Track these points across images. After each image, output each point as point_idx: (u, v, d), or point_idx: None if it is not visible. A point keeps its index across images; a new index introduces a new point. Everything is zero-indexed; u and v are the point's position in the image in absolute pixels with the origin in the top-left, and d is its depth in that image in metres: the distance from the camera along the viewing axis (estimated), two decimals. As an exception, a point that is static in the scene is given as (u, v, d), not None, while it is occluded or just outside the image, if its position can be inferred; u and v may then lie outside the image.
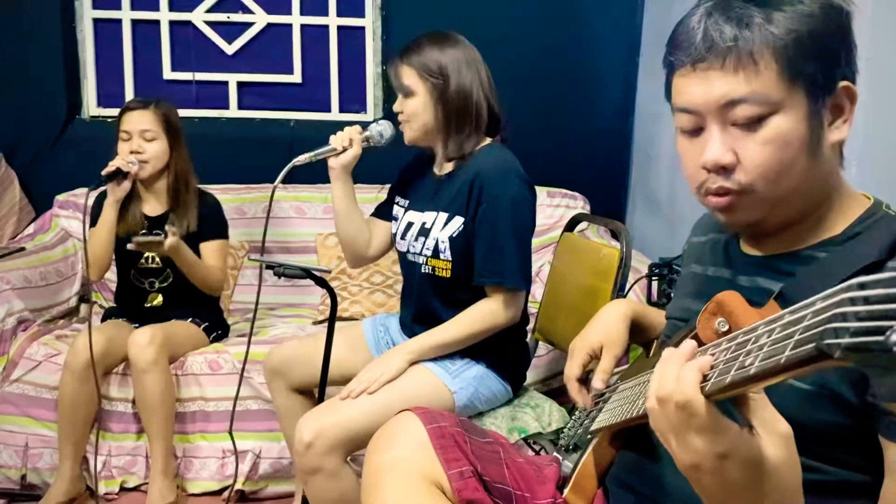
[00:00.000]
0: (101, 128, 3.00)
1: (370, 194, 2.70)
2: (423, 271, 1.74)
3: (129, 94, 3.09)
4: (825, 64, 0.83)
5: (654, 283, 2.15)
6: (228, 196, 2.80)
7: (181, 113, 2.40)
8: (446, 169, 1.77)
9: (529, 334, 1.97)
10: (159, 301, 2.36)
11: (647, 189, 3.08)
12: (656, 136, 2.94)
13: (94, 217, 2.27)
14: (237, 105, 3.15)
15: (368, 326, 1.94)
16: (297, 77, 3.15)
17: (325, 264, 2.80)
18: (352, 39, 3.15)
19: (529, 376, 1.93)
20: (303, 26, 3.12)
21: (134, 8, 3.06)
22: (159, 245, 2.09)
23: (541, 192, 2.93)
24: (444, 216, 1.70)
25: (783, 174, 0.84)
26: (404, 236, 1.79)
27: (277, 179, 1.69)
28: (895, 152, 1.65)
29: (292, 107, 3.16)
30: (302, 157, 1.71)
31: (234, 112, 3.15)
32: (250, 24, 3.11)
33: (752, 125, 0.83)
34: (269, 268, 1.66)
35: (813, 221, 0.89)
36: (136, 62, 3.10)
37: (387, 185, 2.74)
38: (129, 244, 2.09)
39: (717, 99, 0.84)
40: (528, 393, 1.86)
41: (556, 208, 2.98)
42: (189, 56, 3.10)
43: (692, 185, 0.91)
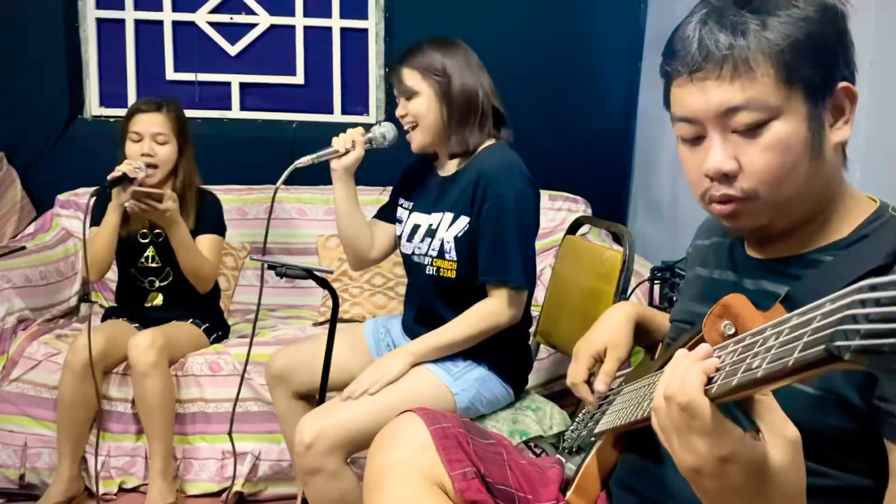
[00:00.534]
0: (103, 127, 3.00)
1: (372, 196, 2.70)
2: (428, 272, 1.74)
3: (131, 95, 3.09)
4: (823, 66, 0.83)
5: (657, 287, 2.14)
6: (230, 197, 2.80)
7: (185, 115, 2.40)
8: (450, 169, 1.77)
9: (531, 337, 1.97)
10: (159, 300, 2.36)
11: (649, 193, 3.08)
12: (658, 139, 2.94)
13: (96, 216, 2.26)
14: (239, 106, 3.15)
15: (369, 329, 1.93)
16: (299, 78, 3.15)
17: (327, 265, 2.79)
18: (355, 41, 3.16)
19: (531, 379, 1.92)
20: (306, 28, 3.12)
21: (137, 8, 3.06)
22: (158, 201, 2.05)
23: (542, 195, 2.90)
24: (449, 216, 1.70)
25: (786, 179, 0.84)
26: (410, 238, 1.79)
27: (279, 181, 1.69)
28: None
29: (295, 108, 3.15)
30: (304, 160, 1.71)
31: (236, 113, 3.15)
32: (253, 26, 3.11)
33: (752, 131, 0.83)
34: (270, 268, 1.66)
35: (818, 224, 0.89)
36: (138, 62, 3.10)
37: (388, 186, 2.74)
38: (129, 199, 2.05)
39: (715, 107, 0.83)
40: (529, 396, 1.86)
41: (557, 211, 2.98)
42: (192, 57, 3.11)
43: (695, 192, 0.91)
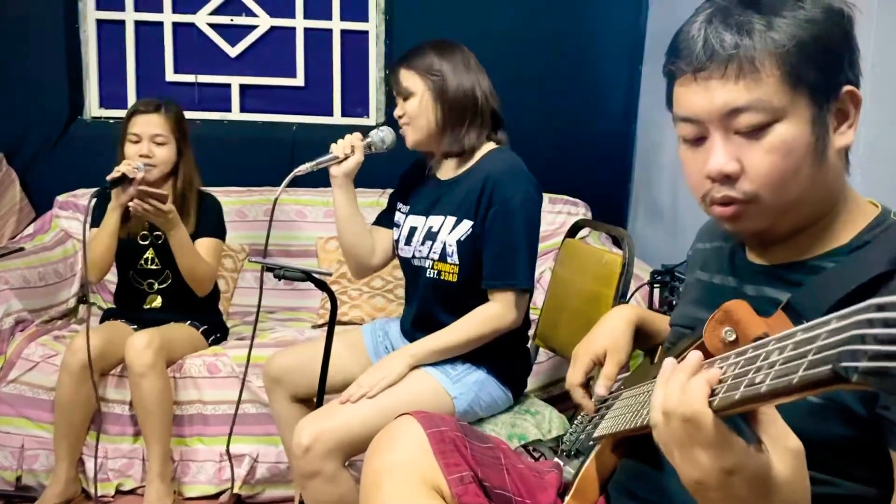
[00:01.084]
0: (102, 129, 3.00)
1: (371, 199, 2.70)
2: (429, 276, 1.73)
3: (131, 96, 3.09)
4: (828, 69, 0.82)
5: (657, 291, 2.14)
6: (229, 199, 2.79)
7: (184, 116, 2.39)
8: (450, 173, 1.76)
9: (530, 340, 1.96)
10: (158, 303, 2.35)
11: (649, 197, 3.08)
12: (659, 142, 2.94)
13: (95, 217, 2.26)
14: (239, 108, 3.15)
15: (368, 332, 1.92)
16: (299, 80, 3.15)
17: (326, 268, 2.78)
18: (355, 43, 3.16)
19: (530, 383, 1.92)
20: (306, 30, 3.12)
21: (137, 9, 3.06)
22: (162, 201, 2.05)
23: (543, 199, 2.93)
24: (451, 220, 1.70)
25: (789, 182, 0.83)
26: (409, 241, 1.78)
27: (279, 190, 1.70)
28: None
29: (295, 110, 3.15)
30: (303, 167, 1.71)
31: (236, 115, 3.15)
32: (253, 27, 3.11)
33: (755, 133, 0.82)
34: (269, 270, 1.65)
35: (820, 230, 0.88)
36: (138, 64, 3.10)
37: (388, 189, 2.76)
38: (129, 199, 2.04)
39: (718, 108, 0.82)
40: (528, 399, 1.85)
41: (557, 215, 2.97)
42: (192, 58, 3.11)
43: (696, 194, 0.90)
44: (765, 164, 0.82)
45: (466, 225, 1.68)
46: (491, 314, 1.66)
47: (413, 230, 1.78)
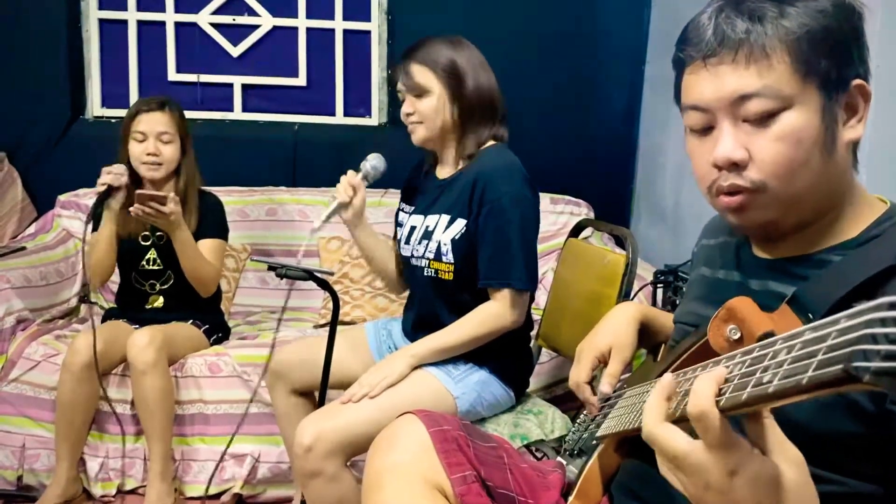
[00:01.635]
0: (104, 128, 3.00)
1: (373, 199, 2.69)
2: (426, 275, 1.72)
3: (133, 95, 3.08)
4: (838, 60, 0.82)
5: (660, 291, 2.13)
6: (231, 198, 2.79)
7: (185, 115, 2.39)
8: (447, 172, 1.76)
9: (533, 340, 1.95)
10: (160, 303, 2.35)
11: (652, 197, 3.07)
12: (661, 142, 2.93)
13: (96, 218, 2.26)
14: (241, 107, 3.15)
15: (371, 330, 1.92)
16: (302, 80, 3.14)
17: (328, 267, 2.78)
18: (357, 43, 3.15)
19: (532, 383, 1.91)
20: (308, 29, 3.12)
21: (140, 9, 3.06)
22: (161, 203, 2.04)
23: (544, 199, 2.93)
24: (446, 218, 1.69)
25: (797, 171, 0.82)
26: (408, 241, 1.78)
27: (301, 250, 1.72)
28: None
29: (297, 110, 3.15)
30: (318, 224, 1.72)
31: (238, 114, 3.15)
32: (256, 27, 3.11)
33: (764, 121, 0.82)
34: (271, 269, 1.65)
35: (826, 224, 0.87)
36: (140, 63, 3.10)
37: (389, 189, 2.75)
38: (133, 206, 2.04)
39: (728, 94, 0.82)
40: (530, 399, 1.84)
41: (559, 215, 2.97)
42: (194, 58, 3.10)
43: (703, 185, 0.89)
44: (773, 152, 0.82)
45: (460, 224, 1.67)
46: (490, 313, 1.65)
47: (413, 229, 1.77)
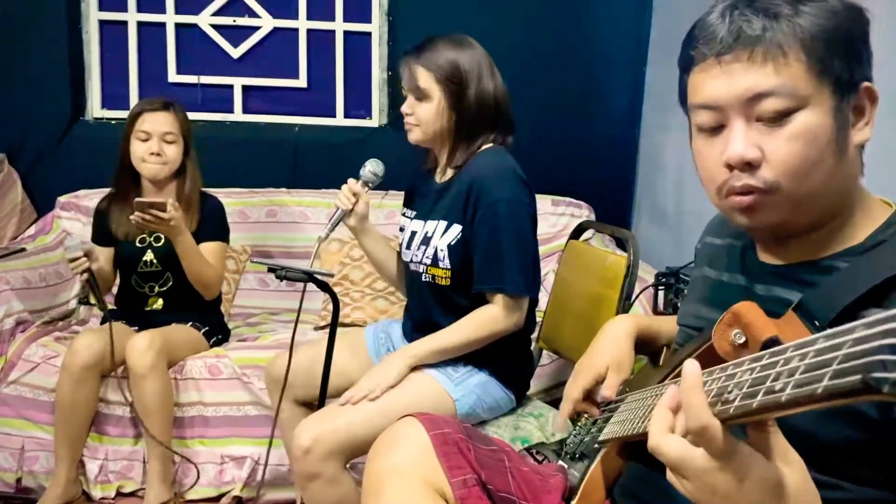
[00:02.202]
0: (104, 129, 3.00)
1: (374, 200, 2.68)
2: (424, 280, 1.72)
3: (133, 97, 3.08)
4: (850, 61, 0.81)
5: (661, 293, 2.12)
6: (231, 200, 2.78)
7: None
8: (445, 176, 1.75)
9: (533, 342, 1.95)
10: (160, 305, 2.34)
11: (653, 199, 3.06)
12: (662, 145, 2.92)
13: (97, 225, 2.30)
14: (242, 109, 3.14)
15: (370, 334, 1.92)
16: (302, 82, 3.14)
17: (328, 269, 2.77)
18: (358, 44, 3.15)
19: (533, 385, 1.90)
20: (309, 31, 3.12)
21: (140, 10, 3.06)
22: (161, 209, 2.04)
23: (545, 200, 2.92)
24: (443, 224, 1.68)
25: (810, 171, 0.81)
26: (409, 246, 1.77)
27: (311, 259, 1.77)
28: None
29: (297, 111, 3.14)
30: (323, 234, 1.77)
31: (238, 116, 3.14)
32: (256, 28, 3.10)
33: (777, 120, 0.81)
34: (271, 270, 1.65)
35: (834, 228, 0.86)
36: (141, 64, 3.09)
37: (390, 191, 2.75)
38: (133, 215, 2.04)
39: (742, 92, 0.81)
40: (531, 402, 1.84)
41: (560, 216, 2.96)
42: (194, 59, 3.10)
43: (711, 186, 0.87)
44: (786, 151, 0.81)
45: (456, 229, 1.66)
46: (487, 317, 1.64)
47: (413, 234, 1.76)
